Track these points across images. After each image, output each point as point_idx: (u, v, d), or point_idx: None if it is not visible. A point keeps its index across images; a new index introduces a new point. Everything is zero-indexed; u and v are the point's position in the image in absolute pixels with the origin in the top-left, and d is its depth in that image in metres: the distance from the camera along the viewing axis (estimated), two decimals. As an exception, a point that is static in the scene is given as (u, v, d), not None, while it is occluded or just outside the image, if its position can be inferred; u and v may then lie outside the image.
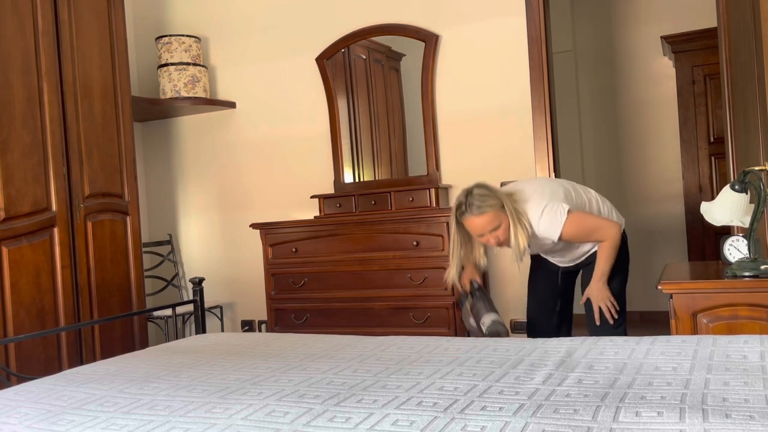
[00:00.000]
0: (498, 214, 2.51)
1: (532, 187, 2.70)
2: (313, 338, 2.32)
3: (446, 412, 1.37)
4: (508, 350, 1.92)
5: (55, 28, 3.33)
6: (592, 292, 2.68)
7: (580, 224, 2.58)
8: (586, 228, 2.61)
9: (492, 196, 2.52)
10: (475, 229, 2.55)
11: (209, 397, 1.60)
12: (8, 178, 3.06)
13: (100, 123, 3.55)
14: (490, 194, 2.53)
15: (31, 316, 3.11)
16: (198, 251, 4.64)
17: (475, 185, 2.57)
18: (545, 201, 2.58)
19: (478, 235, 2.57)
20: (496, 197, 2.53)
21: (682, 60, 4.95)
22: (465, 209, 2.52)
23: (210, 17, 4.55)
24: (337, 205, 3.93)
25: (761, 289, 2.19)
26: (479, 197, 2.51)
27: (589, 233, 2.62)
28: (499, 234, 2.54)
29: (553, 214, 2.55)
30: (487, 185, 2.58)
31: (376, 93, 4.15)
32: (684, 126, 4.98)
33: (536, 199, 2.59)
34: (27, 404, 1.67)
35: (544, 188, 2.67)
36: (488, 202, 2.50)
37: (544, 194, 2.62)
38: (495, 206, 2.51)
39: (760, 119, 2.66)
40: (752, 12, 2.66)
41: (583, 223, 2.60)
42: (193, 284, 2.93)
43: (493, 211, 2.50)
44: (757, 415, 1.23)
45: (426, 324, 3.49)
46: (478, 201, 2.50)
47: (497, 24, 3.82)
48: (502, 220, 2.52)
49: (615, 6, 5.39)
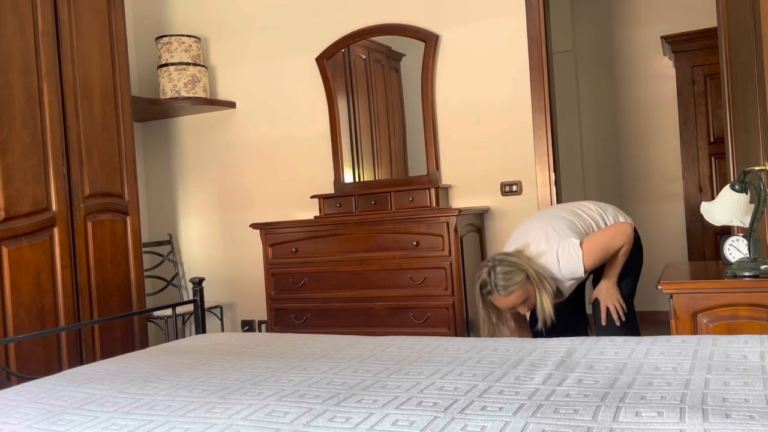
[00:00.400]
0: (525, 287, 2.49)
1: (537, 233, 2.66)
2: (313, 338, 2.32)
3: (446, 412, 1.37)
4: (508, 350, 1.92)
5: (55, 28, 3.33)
6: (601, 292, 2.68)
7: (596, 249, 2.57)
8: (602, 249, 2.59)
9: (515, 272, 2.48)
10: (506, 307, 2.55)
11: (209, 397, 1.60)
12: (8, 178, 3.06)
13: (100, 123, 3.55)
14: (513, 269, 2.49)
15: (31, 316, 3.11)
16: (198, 251, 4.64)
17: (496, 261, 2.53)
18: (555, 244, 2.57)
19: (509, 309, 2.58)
20: (519, 270, 2.49)
21: (682, 60, 4.95)
22: (492, 289, 2.50)
23: (210, 17, 4.55)
24: (337, 205, 3.93)
25: (761, 289, 2.19)
26: (503, 276, 2.48)
27: (607, 250, 2.61)
28: (529, 304, 2.55)
29: (568, 255, 2.54)
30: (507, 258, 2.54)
31: (376, 93, 4.15)
32: (684, 126, 4.98)
33: (548, 246, 2.57)
34: (27, 404, 1.67)
35: (548, 231, 2.64)
36: (514, 280, 2.47)
37: (551, 237, 2.60)
38: (520, 282, 2.48)
39: (760, 119, 2.66)
40: (752, 12, 2.66)
41: (598, 245, 2.59)
42: (193, 284, 2.93)
43: (520, 287, 2.49)
44: (757, 415, 1.23)
45: (426, 324, 3.49)
46: (503, 281, 2.48)
47: (497, 24, 3.82)
48: (529, 291, 2.51)
49: (615, 6, 5.39)
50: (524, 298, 2.51)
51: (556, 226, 2.64)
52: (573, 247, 2.54)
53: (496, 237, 3.85)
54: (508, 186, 3.80)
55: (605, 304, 2.67)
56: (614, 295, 2.66)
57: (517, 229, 2.82)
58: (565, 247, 2.55)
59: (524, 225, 2.81)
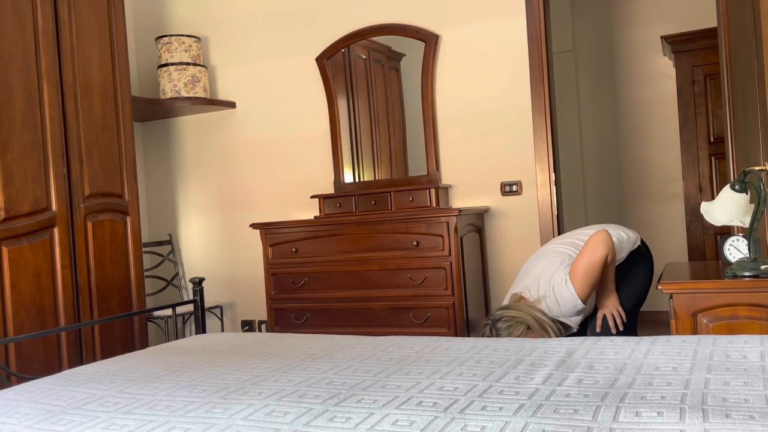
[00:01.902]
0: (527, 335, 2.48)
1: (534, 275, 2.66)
2: (313, 338, 2.32)
3: (446, 412, 1.37)
4: (508, 350, 1.92)
5: (55, 28, 3.33)
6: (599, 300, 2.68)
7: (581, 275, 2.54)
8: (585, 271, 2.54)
9: (515, 325, 2.49)
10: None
11: (209, 397, 1.60)
12: (8, 178, 3.06)
13: (100, 123, 3.55)
14: (513, 323, 2.49)
15: (31, 316, 3.11)
16: (198, 251, 4.64)
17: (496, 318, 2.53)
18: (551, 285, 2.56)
19: None
20: (519, 323, 2.49)
21: (682, 60, 4.95)
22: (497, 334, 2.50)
23: (210, 17, 4.55)
24: (337, 205, 3.93)
25: (761, 289, 2.19)
26: (505, 330, 2.49)
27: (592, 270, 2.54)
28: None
29: (562, 294, 2.54)
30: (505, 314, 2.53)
31: (376, 93, 4.15)
32: (684, 126, 4.98)
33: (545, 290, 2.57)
34: (27, 404, 1.67)
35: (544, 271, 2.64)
36: (515, 333, 2.47)
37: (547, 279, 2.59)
38: (522, 333, 2.48)
39: (760, 119, 2.66)
40: (752, 12, 2.66)
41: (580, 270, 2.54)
42: (193, 284, 2.93)
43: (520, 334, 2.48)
44: (757, 415, 1.23)
45: (426, 324, 3.49)
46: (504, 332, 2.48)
47: (497, 24, 3.82)
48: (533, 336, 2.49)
49: (615, 6, 5.39)
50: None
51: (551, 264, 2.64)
52: (564, 283, 2.54)
53: (496, 237, 3.85)
54: (508, 186, 3.80)
55: (603, 311, 2.67)
56: (613, 302, 2.65)
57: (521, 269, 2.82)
58: (559, 286, 2.55)
59: (526, 266, 2.81)
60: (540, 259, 2.74)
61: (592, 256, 2.55)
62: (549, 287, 2.58)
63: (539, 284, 2.62)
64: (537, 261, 2.74)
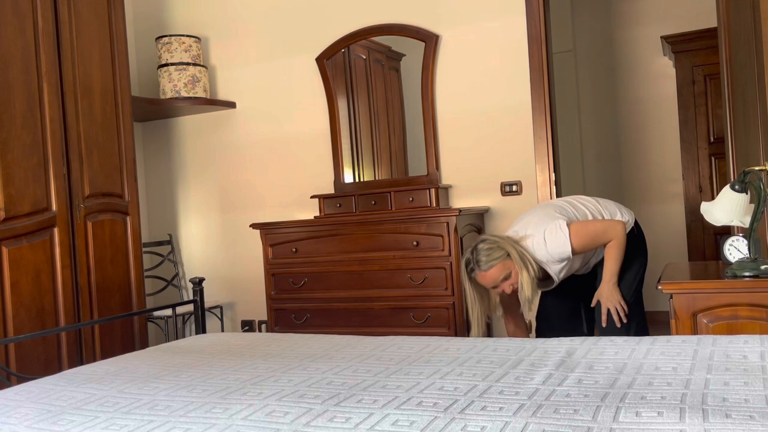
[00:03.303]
0: (506, 263, 2.57)
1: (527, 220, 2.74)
2: (313, 338, 2.32)
3: (446, 412, 1.37)
4: (508, 350, 1.92)
5: (55, 28, 3.33)
6: (602, 294, 2.69)
7: (584, 232, 2.62)
8: (590, 234, 2.63)
9: (496, 249, 2.58)
10: (488, 283, 2.62)
11: (209, 397, 1.60)
12: (8, 178, 3.06)
13: (100, 123, 3.55)
14: (494, 247, 2.58)
15: (31, 316, 3.11)
16: (198, 251, 4.64)
17: (480, 240, 2.63)
18: (543, 226, 2.63)
19: (491, 287, 2.63)
20: (500, 248, 2.58)
21: (682, 60, 4.95)
22: (474, 266, 2.60)
23: (210, 17, 4.55)
24: (337, 205, 3.92)
25: (761, 289, 2.19)
26: (485, 252, 2.58)
27: (595, 238, 2.64)
28: (512, 281, 2.60)
29: (554, 234, 2.59)
30: (490, 238, 2.63)
31: (376, 93, 4.15)
32: (684, 126, 4.98)
33: (535, 231, 2.63)
34: (27, 404, 1.67)
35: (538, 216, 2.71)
36: (494, 255, 2.57)
37: (540, 221, 2.66)
38: (501, 257, 2.57)
39: (760, 119, 2.66)
40: (752, 12, 2.66)
41: (587, 230, 2.63)
42: (193, 284, 2.93)
43: (500, 263, 2.57)
44: (757, 415, 1.23)
45: (426, 324, 3.49)
46: (484, 257, 2.57)
47: (497, 24, 3.82)
48: (511, 268, 2.58)
49: (615, 6, 5.39)
50: (505, 274, 2.57)
51: (547, 212, 2.71)
52: (560, 226, 2.59)
53: (496, 237, 3.85)
54: (508, 186, 3.80)
55: (606, 306, 2.67)
56: (615, 296, 2.66)
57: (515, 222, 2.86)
58: (552, 227, 2.60)
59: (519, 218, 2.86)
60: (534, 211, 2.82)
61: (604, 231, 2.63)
62: (539, 229, 2.62)
63: (528, 226, 2.68)
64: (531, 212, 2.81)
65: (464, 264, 2.63)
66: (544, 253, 2.60)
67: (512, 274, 2.59)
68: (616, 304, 2.65)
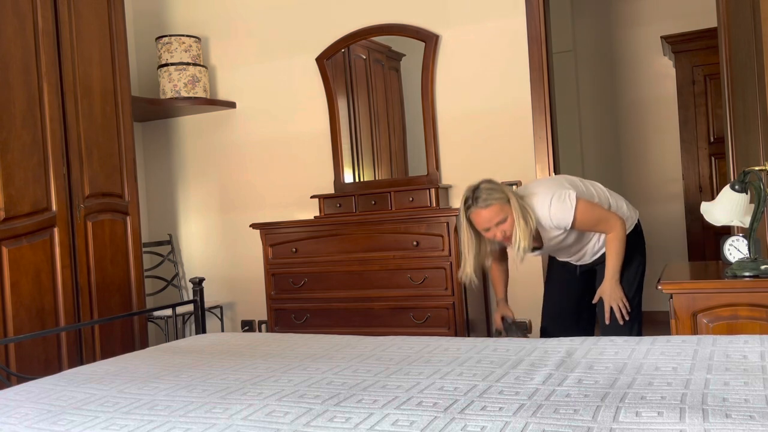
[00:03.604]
0: (504, 207, 2.53)
1: (537, 182, 2.75)
2: (313, 338, 2.32)
3: (446, 412, 1.37)
4: (508, 350, 1.92)
5: (55, 28, 3.33)
6: (604, 291, 2.67)
7: (589, 211, 2.59)
8: (594, 216, 2.61)
9: (498, 190, 2.55)
10: (482, 223, 2.55)
11: (209, 397, 1.60)
12: (8, 178, 3.06)
13: (100, 123, 3.55)
14: (496, 188, 2.55)
15: (31, 316, 3.11)
16: (198, 251, 4.64)
17: (482, 180, 2.60)
18: (552, 191, 2.59)
19: (484, 229, 2.57)
20: (503, 191, 2.55)
21: (682, 60, 4.95)
22: (471, 203, 2.55)
23: (210, 17, 4.55)
24: (337, 205, 3.92)
25: (761, 289, 2.19)
26: (486, 191, 2.54)
27: (596, 222, 2.62)
28: (505, 228, 2.55)
29: (562, 202, 2.56)
30: (494, 181, 2.61)
31: (376, 93, 4.15)
32: (684, 126, 4.98)
33: (543, 192, 2.61)
34: (27, 404, 1.67)
35: (550, 183, 2.71)
36: (494, 195, 2.53)
37: (551, 186, 2.64)
38: (501, 199, 2.53)
39: (760, 119, 2.66)
40: (752, 12, 2.66)
41: (592, 210, 2.60)
42: (193, 284, 2.93)
43: (498, 204, 2.52)
44: (757, 415, 1.23)
45: (426, 324, 3.49)
46: (484, 194, 2.53)
47: (497, 24, 3.82)
48: (507, 214, 2.54)
49: (615, 6, 5.39)
50: (501, 217, 2.52)
51: (560, 182, 2.69)
52: (570, 197, 2.56)
53: (496, 237, 3.85)
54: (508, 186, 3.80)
55: (609, 303, 2.67)
56: (617, 293, 2.65)
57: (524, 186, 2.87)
58: (562, 195, 2.57)
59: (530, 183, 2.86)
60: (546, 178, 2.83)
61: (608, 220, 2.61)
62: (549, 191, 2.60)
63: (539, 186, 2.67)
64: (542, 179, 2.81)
65: (463, 201, 2.58)
66: (545, 214, 2.56)
67: (507, 220, 2.53)
68: (618, 302, 2.65)
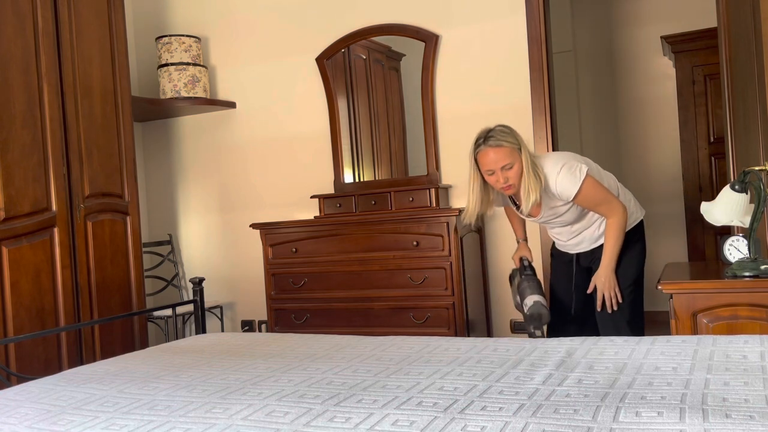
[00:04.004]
0: (513, 152, 2.51)
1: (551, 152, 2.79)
2: (313, 338, 2.32)
3: (446, 412, 1.37)
4: (508, 350, 1.92)
5: (55, 28, 3.32)
6: (599, 279, 2.67)
7: (595, 189, 2.57)
8: (599, 195, 2.58)
9: (512, 135, 2.53)
10: (488, 164, 2.52)
11: (209, 397, 1.60)
12: (8, 178, 3.06)
13: (100, 123, 3.55)
14: (510, 133, 2.54)
15: (31, 316, 3.11)
16: (198, 251, 4.64)
17: (498, 124, 2.58)
18: (565, 160, 2.58)
19: (488, 171, 2.54)
20: (516, 139, 2.53)
21: (682, 60, 4.95)
22: (482, 142, 2.53)
23: (210, 17, 4.55)
24: (337, 205, 3.92)
25: (761, 289, 2.19)
26: (499, 132, 2.53)
27: (600, 202, 2.60)
28: (509, 175, 2.52)
29: (572, 173, 2.54)
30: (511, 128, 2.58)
31: (376, 93, 4.15)
32: (684, 126, 4.98)
33: (555, 159, 2.60)
34: (27, 404, 1.67)
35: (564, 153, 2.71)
36: (506, 138, 2.51)
37: (565, 156, 2.64)
38: (512, 144, 2.51)
39: (760, 119, 2.66)
40: (752, 12, 2.66)
41: (598, 189, 2.58)
42: (193, 284, 2.93)
43: (508, 148, 2.50)
44: (757, 415, 1.23)
45: (426, 324, 3.49)
46: (497, 135, 2.51)
47: (497, 24, 3.82)
48: (515, 161, 2.51)
49: (615, 6, 5.39)
50: (508, 162, 2.50)
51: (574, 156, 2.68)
52: (580, 169, 2.54)
53: (496, 237, 3.85)
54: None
55: (601, 291, 2.66)
56: (611, 282, 2.64)
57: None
58: (573, 166, 2.55)
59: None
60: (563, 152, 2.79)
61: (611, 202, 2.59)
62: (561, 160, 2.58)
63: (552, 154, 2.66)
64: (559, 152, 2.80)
65: (474, 140, 2.56)
66: (552, 179, 2.54)
67: (513, 168, 2.51)
68: (611, 291, 2.64)
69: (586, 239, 2.78)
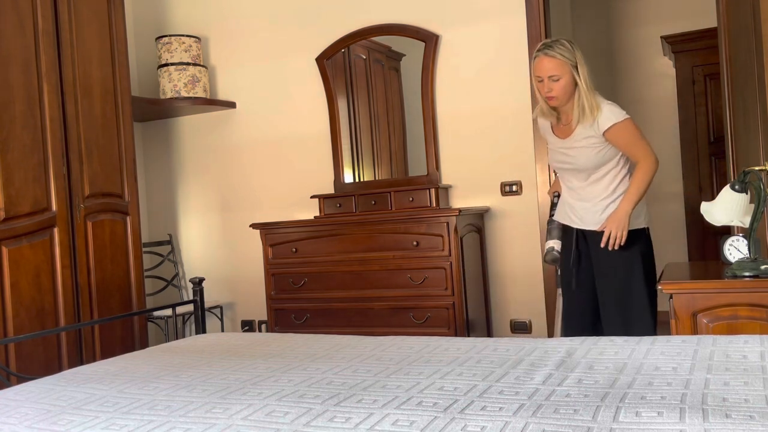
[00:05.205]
0: (565, 66, 2.61)
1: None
2: (313, 338, 2.32)
3: (446, 412, 1.37)
4: (508, 350, 1.92)
5: (55, 27, 3.33)
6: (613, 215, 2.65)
7: (632, 131, 2.67)
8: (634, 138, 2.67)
9: (572, 53, 2.63)
10: (539, 70, 2.64)
11: (209, 397, 1.60)
12: (8, 178, 3.06)
13: (100, 123, 3.55)
14: (571, 51, 2.63)
15: (31, 316, 3.11)
16: (198, 251, 4.64)
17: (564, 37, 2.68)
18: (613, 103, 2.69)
19: (538, 78, 2.65)
20: (575, 58, 2.62)
21: (682, 60, 4.95)
22: (542, 48, 2.63)
23: (210, 17, 4.55)
24: (337, 205, 3.93)
25: (761, 289, 2.19)
26: (560, 45, 2.62)
27: (633, 144, 2.67)
28: (555, 86, 2.63)
29: (618, 109, 2.66)
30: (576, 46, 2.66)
31: (376, 93, 4.15)
32: (684, 126, 4.98)
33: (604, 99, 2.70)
34: (27, 404, 1.67)
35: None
36: (565, 54, 2.61)
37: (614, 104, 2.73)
38: (569, 61, 2.61)
39: (760, 119, 2.66)
40: (752, 12, 2.66)
41: (635, 132, 2.68)
42: (193, 284, 2.93)
43: (563, 61, 2.61)
44: (757, 415, 1.23)
45: (426, 324, 3.49)
46: (557, 47, 2.61)
47: (497, 24, 3.82)
48: (565, 75, 2.62)
49: (615, 6, 5.39)
50: (557, 73, 2.60)
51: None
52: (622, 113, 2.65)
53: (496, 237, 3.85)
54: (508, 186, 3.80)
55: (609, 227, 2.64)
56: (623, 223, 2.62)
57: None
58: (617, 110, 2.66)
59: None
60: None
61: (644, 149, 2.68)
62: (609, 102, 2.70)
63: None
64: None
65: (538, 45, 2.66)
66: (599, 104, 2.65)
67: (560, 81, 2.60)
68: (619, 231, 2.62)
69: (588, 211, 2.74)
